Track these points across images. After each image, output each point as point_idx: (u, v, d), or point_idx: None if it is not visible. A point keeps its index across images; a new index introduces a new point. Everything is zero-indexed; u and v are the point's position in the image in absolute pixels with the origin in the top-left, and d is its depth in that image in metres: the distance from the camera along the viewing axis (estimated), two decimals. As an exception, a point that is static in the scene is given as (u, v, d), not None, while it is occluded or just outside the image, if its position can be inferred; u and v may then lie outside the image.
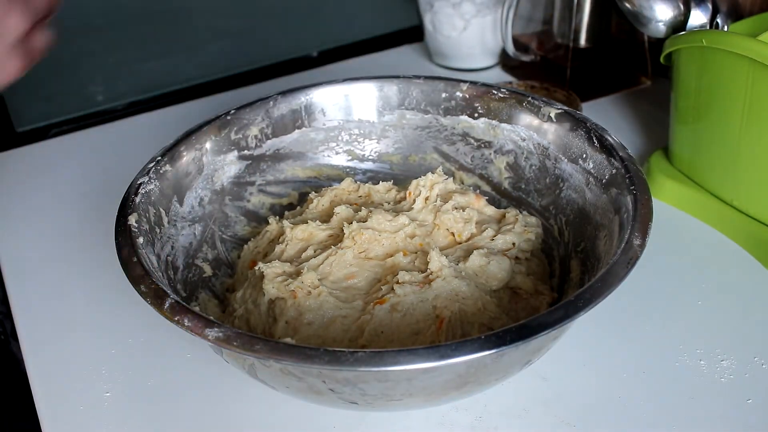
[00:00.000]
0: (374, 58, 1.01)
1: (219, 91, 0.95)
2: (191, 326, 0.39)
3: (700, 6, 0.64)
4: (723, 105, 0.59)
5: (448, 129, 0.63)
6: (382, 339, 0.47)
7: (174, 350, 0.55)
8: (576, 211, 0.55)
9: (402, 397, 0.41)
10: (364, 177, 0.66)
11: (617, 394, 0.49)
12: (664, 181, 0.67)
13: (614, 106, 0.85)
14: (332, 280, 0.51)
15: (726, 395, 0.49)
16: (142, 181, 0.51)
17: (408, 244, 0.53)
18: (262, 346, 0.37)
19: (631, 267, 0.42)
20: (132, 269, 0.44)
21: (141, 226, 0.48)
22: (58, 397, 0.52)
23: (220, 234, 0.58)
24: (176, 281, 0.51)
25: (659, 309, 0.56)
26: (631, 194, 0.47)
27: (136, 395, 0.51)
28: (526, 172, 0.60)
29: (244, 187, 0.61)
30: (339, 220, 0.56)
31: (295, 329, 0.48)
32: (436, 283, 0.48)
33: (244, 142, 0.60)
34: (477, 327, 0.47)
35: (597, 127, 0.54)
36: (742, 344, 0.53)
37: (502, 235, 0.55)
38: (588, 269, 0.50)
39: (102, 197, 0.62)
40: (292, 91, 0.63)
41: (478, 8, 0.90)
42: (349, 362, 0.36)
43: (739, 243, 0.62)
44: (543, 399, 0.49)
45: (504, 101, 0.60)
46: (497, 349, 0.37)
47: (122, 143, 0.82)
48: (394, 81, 0.63)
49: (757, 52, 0.53)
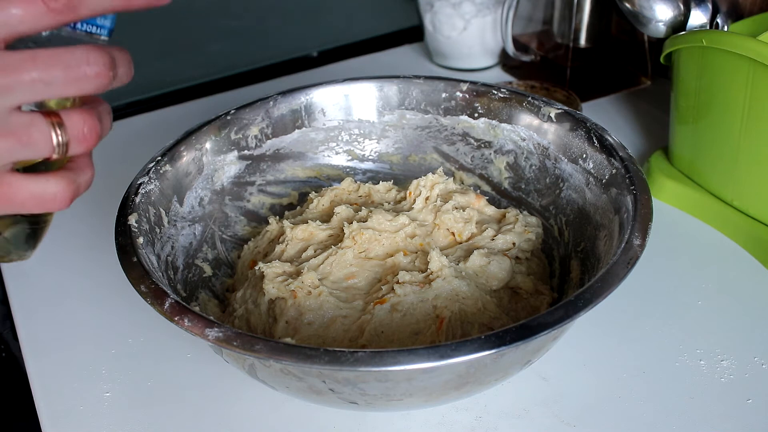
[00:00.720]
0: (374, 58, 1.02)
1: (219, 91, 0.95)
2: (191, 326, 0.39)
3: (700, 6, 0.64)
4: (723, 105, 0.59)
5: (448, 129, 0.63)
6: (382, 339, 0.47)
7: (174, 350, 0.55)
8: (576, 211, 0.55)
9: (402, 397, 0.41)
10: (364, 177, 0.66)
11: (617, 394, 0.49)
12: (664, 181, 0.67)
13: (614, 106, 0.85)
14: (332, 280, 0.51)
15: (726, 395, 0.49)
16: (142, 181, 0.51)
17: (408, 244, 0.53)
18: (262, 346, 0.37)
19: (631, 267, 0.42)
20: (132, 269, 0.44)
21: (141, 226, 0.48)
22: (58, 397, 0.52)
23: (220, 234, 0.58)
24: (176, 281, 0.51)
25: (659, 309, 0.56)
26: (631, 194, 0.47)
27: (136, 395, 0.51)
28: (526, 172, 0.60)
29: (244, 187, 0.61)
30: (339, 220, 0.56)
31: (295, 329, 0.48)
32: (436, 283, 0.48)
33: (244, 142, 0.60)
34: (477, 327, 0.47)
35: (597, 127, 0.54)
36: (742, 344, 0.53)
37: (503, 234, 0.55)
38: (588, 269, 0.50)
39: (102, 197, 0.62)
40: (292, 91, 0.63)
41: (478, 8, 0.90)
42: (349, 362, 0.36)
43: (739, 243, 0.62)
44: (543, 399, 0.49)
45: (504, 101, 0.60)
46: (497, 349, 0.37)
47: (122, 143, 0.82)
48: (394, 81, 0.63)
49: (757, 52, 0.53)
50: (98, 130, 0.35)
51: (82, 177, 0.36)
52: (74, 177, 0.36)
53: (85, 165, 0.37)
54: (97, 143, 0.35)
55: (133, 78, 0.37)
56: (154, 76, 0.98)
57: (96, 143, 0.35)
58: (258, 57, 1.03)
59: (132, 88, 0.96)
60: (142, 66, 1.04)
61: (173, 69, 1.00)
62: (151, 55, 0.98)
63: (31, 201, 0.35)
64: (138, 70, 0.37)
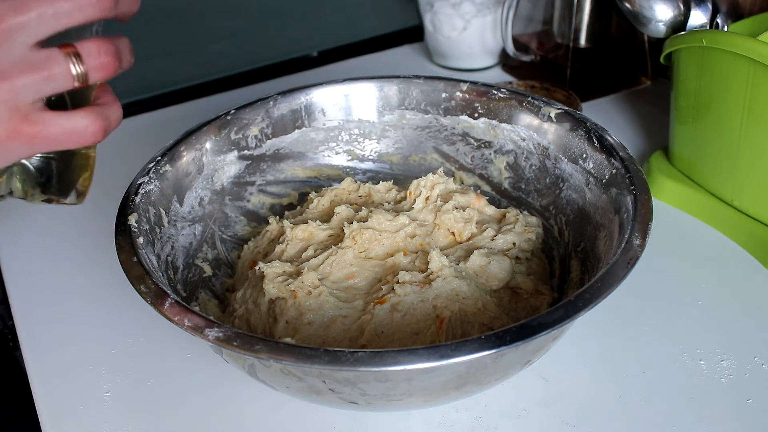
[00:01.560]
0: (374, 58, 1.02)
1: (219, 91, 0.95)
2: (191, 326, 0.39)
3: (700, 6, 0.64)
4: (723, 105, 0.59)
5: (448, 129, 0.63)
6: (382, 339, 0.47)
7: (174, 350, 0.55)
8: (576, 211, 0.55)
9: (402, 397, 0.41)
10: (364, 177, 0.66)
11: (617, 394, 0.49)
12: (664, 181, 0.67)
13: (614, 106, 0.85)
14: (332, 280, 0.51)
15: (726, 395, 0.49)
16: (142, 181, 0.51)
17: (408, 243, 0.53)
18: (262, 346, 0.37)
19: (631, 267, 0.42)
20: (132, 269, 0.44)
21: (141, 226, 0.48)
22: (58, 397, 0.52)
23: (220, 234, 0.58)
24: (176, 281, 0.51)
25: (659, 309, 0.56)
26: (631, 194, 0.47)
27: (136, 395, 0.51)
28: (526, 172, 0.60)
29: (244, 187, 0.61)
30: (339, 220, 0.56)
31: (295, 329, 0.48)
32: (436, 283, 0.48)
33: (244, 142, 0.60)
34: (477, 327, 0.47)
35: (597, 127, 0.54)
36: (742, 344, 0.53)
37: (503, 234, 0.55)
38: (588, 269, 0.50)
39: (102, 197, 0.62)
40: (292, 91, 0.63)
41: (478, 8, 0.90)
42: (349, 362, 0.36)
43: (739, 243, 0.62)
44: (543, 399, 0.49)
45: (504, 101, 0.60)
46: (497, 349, 0.37)
47: (122, 143, 0.82)
48: (394, 81, 0.63)
49: (757, 52, 0.53)
50: (115, 57, 0.36)
51: (110, 111, 0.38)
52: (102, 111, 0.38)
53: (111, 101, 0.39)
54: (116, 71, 0.37)
55: (133, 78, 0.38)
56: (154, 76, 0.98)
57: (114, 71, 0.37)
58: (258, 57, 1.03)
59: (132, 88, 0.96)
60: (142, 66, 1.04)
61: (173, 69, 1.00)
62: (151, 55, 0.98)
63: (65, 136, 0.36)
64: (138, 70, 0.38)
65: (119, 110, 0.39)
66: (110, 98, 0.39)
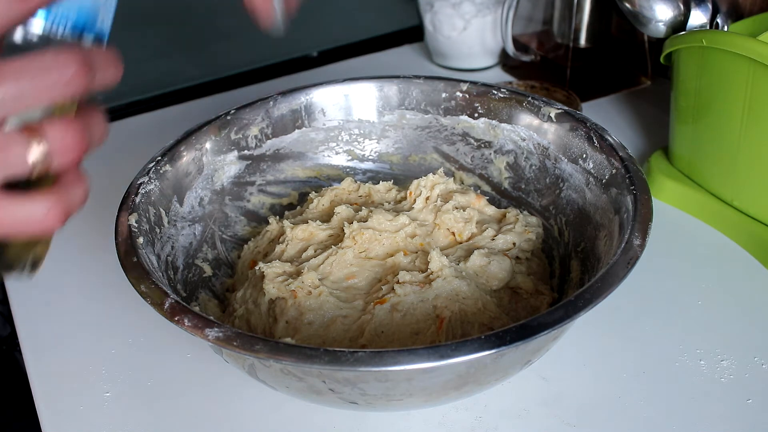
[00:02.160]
0: (374, 58, 1.02)
1: (219, 91, 0.95)
2: (191, 326, 0.39)
3: (700, 6, 0.64)
4: (723, 105, 0.59)
5: (448, 129, 0.63)
6: (382, 339, 0.47)
7: (174, 350, 0.55)
8: (576, 211, 0.55)
9: (402, 397, 0.41)
10: (364, 177, 0.66)
11: (617, 394, 0.49)
12: (664, 181, 0.67)
13: (614, 106, 0.85)
14: (333, 279, 0.51)
15: (726, 395, 0.49)
16: (142, 181, 0.51)
17: (408, 243, 0.53)
18: (262, 346, 0.37)
19: (631, 267, 0.41)
20: (132, 269, 0.44)
21: (141, 226, 0.48)
22: (58, 397, 0.52)
23: (220, 234, 0.58)
24: (176, 281, 0.51)
25: (659, 309, 0.56)
26: (631, 194, 0.47)
27: (136, 395, 0.51)
28: (526, 172, 0.60)
29: (244, 187, 0.61)
30: (339, 220, 0.56)
31: (295, 329, 0.48)
32: (436, 283, 0.48)
33: (244, 142, 0.60)
34: (477, 327, 0.47)
35: (597, 127, 0.54)
36: (742, 344, 0.53)
37: (503, 234, 0.55)
38: (588, 269, 0.50)
39: (102, 197, 0.62)
40: (292, 91, 0.63)
41: (478, 8, 0.90)
42: (349, 362, 0.36)
43: (739, 243, 0.62)
44: (543, 399, 0.49)
45: (504, 101, 0.60)
46: (497, 349, 0.37)
47: (122, 143, 0.82)
48: (394, 81, 0.63)
49: (757, 52, 0.53)
50: (83, 141, 0.32)
51: (73, 193, 0.34)
52: (64, 194, 0.33)
53: (75, 180, 0.34)
54: (84, 155, 0.33)
55: (133, 78, 0.36)
56: (154, 76, 0.98)
57: (81, 155, 0.33)
58: (258, 57, 1.03)
59: (132, 88, 0.96)
60: (142, 66, 1.04)
61: (173, 69, 1.00)
62: (151, 55, 0.98)
63: (19, 225, 0.32)
64: (138, 70, 0.37)
65: (85, 190, 0.34)
66: (75, 176, 0.34)
